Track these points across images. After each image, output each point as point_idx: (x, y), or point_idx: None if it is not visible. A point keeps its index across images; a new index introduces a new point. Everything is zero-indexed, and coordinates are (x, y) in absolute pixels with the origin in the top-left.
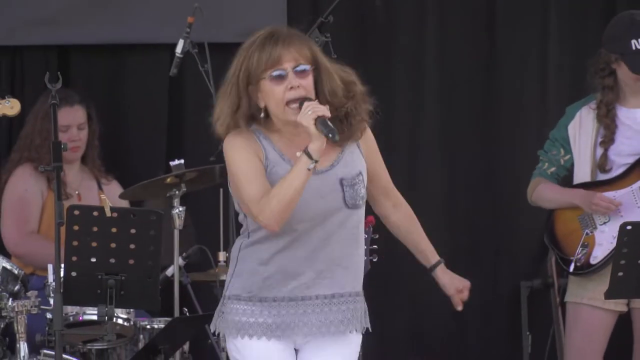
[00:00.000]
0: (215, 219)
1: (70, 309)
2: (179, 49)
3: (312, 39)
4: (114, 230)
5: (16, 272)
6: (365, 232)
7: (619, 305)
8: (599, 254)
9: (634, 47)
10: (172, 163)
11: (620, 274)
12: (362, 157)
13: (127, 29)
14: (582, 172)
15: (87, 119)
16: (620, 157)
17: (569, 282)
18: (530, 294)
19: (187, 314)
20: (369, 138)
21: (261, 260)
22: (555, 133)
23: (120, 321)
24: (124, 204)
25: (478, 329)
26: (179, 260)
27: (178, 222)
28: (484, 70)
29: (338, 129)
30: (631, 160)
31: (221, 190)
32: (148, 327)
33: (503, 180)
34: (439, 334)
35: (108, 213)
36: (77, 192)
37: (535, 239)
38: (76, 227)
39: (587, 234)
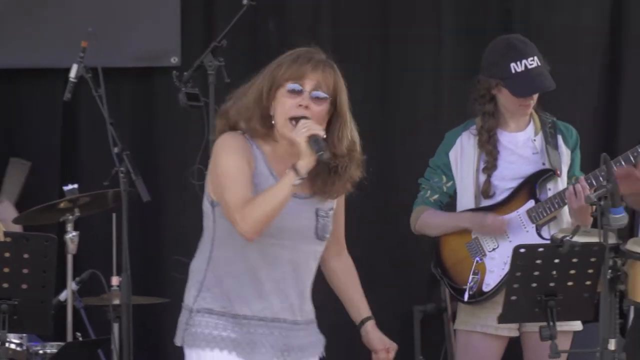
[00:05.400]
0: (108, 244)
1: None
2: (72, 74)
3: (343, 82)
4: (7, 254)
5: None
6: None
7: (512, 330)
8: (491, 281)
9: (513, 71)
10: (65, 188)
11: (514, 297)
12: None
13: (21, 54)
14: (466, 199)
15: None
16: (504, 182)
17: (458, 310)
18: (424, 319)
19: (80, 338)
20: None
21: (234, 276)
22: (436, 160)
23: (12, 346)
24: (17, 228)
25: (369, 352)
26: (72, 285)
27: (71, 247)
28: (378, 93)
29: (324, 179)
30: (514, 184)
31: (114, 215)
32: (41, 352)
33: (396, 205)
34: (330, 356)
35: (1, 237)
36: None
37: (428, 264)
38: None
39: (477, 261)
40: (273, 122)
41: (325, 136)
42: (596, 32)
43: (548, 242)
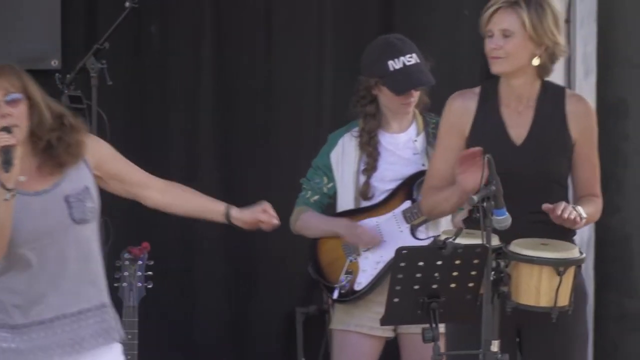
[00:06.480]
0: None
1: None
2: None
3: (24, 72)
4: None
5: None
6: (140, 259)
7: (386, 331)
8: (363, 280)
9: (391, 68)
10: None
11: (396, 300)
12: (89, 171)
13: None
14: (346, 200)
15: None
16: (383, 183)
17: (335, 310)
18: (306, 320)
19: None
20: (97, 149)
21: (9, 289)
22: (318, 161)
23: None
24: None
25: (253, 354)
26: None
27: None
28: (261, 93)
29: (50, 159)
30: (394, 185)
31: None
32: None
33: (279, 205)
34: (213, 356)
35: None
36: None
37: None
38: None
39: (350, 260)
40: None
41: (14, 143)
42: (476, 32)
43: (422, 243)
